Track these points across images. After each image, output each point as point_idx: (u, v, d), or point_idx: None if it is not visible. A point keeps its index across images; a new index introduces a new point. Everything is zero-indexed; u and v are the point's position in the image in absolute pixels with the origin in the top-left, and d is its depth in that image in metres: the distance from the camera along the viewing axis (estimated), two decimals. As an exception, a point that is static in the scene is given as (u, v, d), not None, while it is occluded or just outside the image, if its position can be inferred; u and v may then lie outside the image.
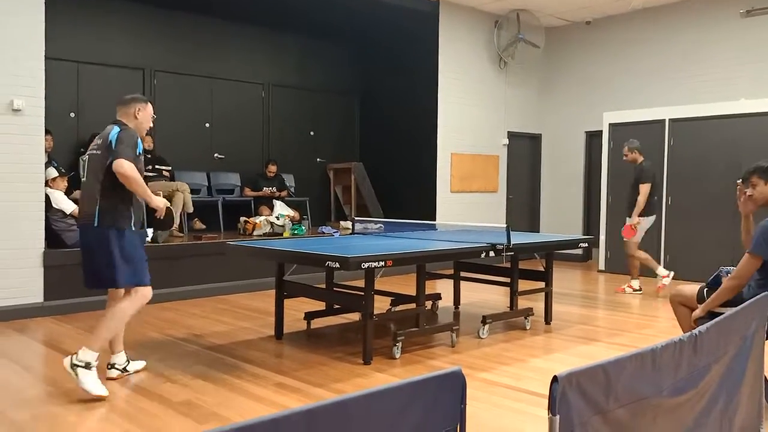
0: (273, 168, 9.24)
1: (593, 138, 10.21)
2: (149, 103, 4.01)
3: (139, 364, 4.23)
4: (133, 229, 3.79)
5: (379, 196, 9.82)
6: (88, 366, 3.61)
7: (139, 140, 3.79)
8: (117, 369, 4.06)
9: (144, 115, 3.95)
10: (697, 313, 3.61)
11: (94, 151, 3.81)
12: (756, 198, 3.66)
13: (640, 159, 7.33)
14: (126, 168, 3.60)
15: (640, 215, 7.20)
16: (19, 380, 4.10)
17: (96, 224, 3.70)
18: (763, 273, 3.47)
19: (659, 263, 8.25)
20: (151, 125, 4.07)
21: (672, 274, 7.29)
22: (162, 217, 3.96)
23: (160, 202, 3.93)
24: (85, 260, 3.88)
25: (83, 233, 3.85)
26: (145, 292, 3.83)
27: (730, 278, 3.50)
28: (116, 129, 3.76)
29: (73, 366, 3.61)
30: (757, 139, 7.71)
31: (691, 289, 3.89)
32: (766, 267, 3.45)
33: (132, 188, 3.69)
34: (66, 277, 6.09)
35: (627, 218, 7.34)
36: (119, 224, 3.72)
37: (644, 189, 7.14)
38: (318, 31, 10.09)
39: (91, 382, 3.61)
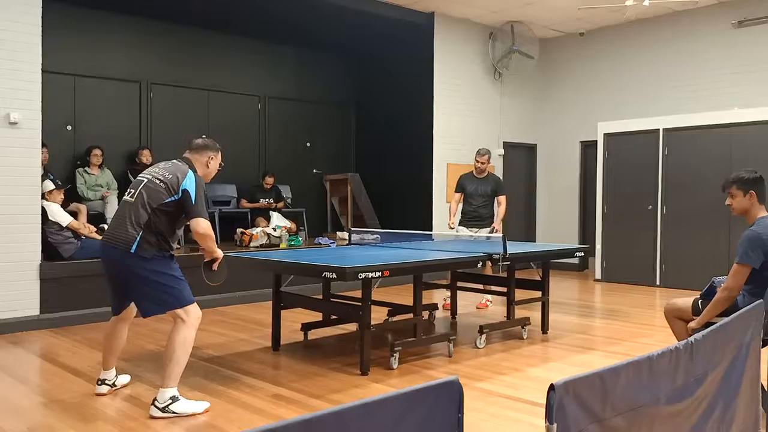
0: (270, 179, 9.25)
1: (588, 148, 10.25)
2: (220, 152, 3.95)
3: (125, 378, 4.16)
4: (172, 256, 3.73)
5: (376, 206, 9.82)
6: (174, 399, 3.58)
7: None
8: (107, 385, 3.99)
9: (215, 165, 3.91)
10: (693, 325, 3.61)
11: (156, 180, 3.67)
12: (735, 208, 3.69)
13: (492, 169, 7.31)
14: (205, 229, 3.63)
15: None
16: (15, 393, 4.08)
17: (134, 251, 3.56)
18: (753, 282, 3.48)
19: (655, 273, 8.25)
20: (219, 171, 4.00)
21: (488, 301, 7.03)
22: (216, 269, 3.88)
23: (220, 255, 3.87)
24: (114, 286, 3.78)
25: (113, 257, 3.66)
26: (195, 310, 3.69)
27: (721, 289, 3.52)
28: (191, 175, 3.68)
29: (164, 410, 3.55)
30: (750, 148, 7.75)
31: (685, 301, 3.90)
32: (755, 276, 3.46)
33: (204, 245, 3.72)
34: (62, 289, 6.08)
35: (479, 229, 7.01)
36: (159, 253, 3.63)
37: (504, 200, 7.08)
38: (314, 43, 10.14)
39: (188, 407, 3.59)
